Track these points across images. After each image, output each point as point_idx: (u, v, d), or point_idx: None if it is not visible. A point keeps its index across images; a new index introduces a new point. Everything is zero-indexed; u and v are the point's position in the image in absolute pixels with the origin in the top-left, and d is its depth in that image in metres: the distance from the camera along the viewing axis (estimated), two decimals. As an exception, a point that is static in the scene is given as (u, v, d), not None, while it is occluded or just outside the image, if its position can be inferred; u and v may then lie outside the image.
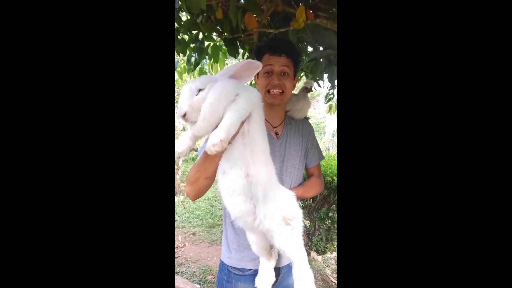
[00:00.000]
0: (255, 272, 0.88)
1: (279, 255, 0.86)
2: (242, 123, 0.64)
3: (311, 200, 2.52)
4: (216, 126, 0.61)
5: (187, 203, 3.94)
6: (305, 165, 1.03)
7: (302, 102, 1.03)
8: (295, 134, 0.99)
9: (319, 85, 1.42)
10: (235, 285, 0.91)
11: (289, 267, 0.89)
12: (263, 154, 0.70)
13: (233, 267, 0.92)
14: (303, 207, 2.45)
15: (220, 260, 0.99)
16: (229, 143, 0.65)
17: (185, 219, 3.42)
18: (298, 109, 1.03)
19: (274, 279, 0.85)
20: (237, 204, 0.70)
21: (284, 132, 0.97)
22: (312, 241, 2.52)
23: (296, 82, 0.99)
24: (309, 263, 0.75)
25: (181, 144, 0.66)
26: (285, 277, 0.94)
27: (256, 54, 0.93)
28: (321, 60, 1.23)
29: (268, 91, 0.90)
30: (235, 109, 0.60)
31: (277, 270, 0.91)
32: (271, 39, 0.98)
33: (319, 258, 2.49)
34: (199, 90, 0.62)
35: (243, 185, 0.68)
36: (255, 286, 0.85)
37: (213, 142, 0.58)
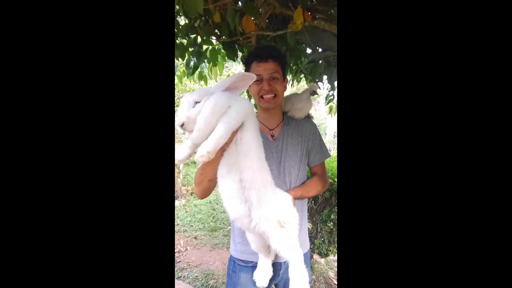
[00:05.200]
0: (257, 265, 0.94)
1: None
2: (235, 132, 0.69)
3: (312, 202, 2.51)
4: None
5: (188, 206, 3.93)
6: (308, 164, 1.03)
7: (304, 102, 1.03)
8: (293, 134, 1.00)
9: (318, 87, 1.42)
10: (239, 274, 0.99)
11: None
12: (257, 160, 0.73)
13: (238, 258, 1.00)
14: (305, 210, 2.44)
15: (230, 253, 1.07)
16: (224, 150, 0.70)
17: (186, 223, 3.41)
18: (299, 108, 1.02)
19: (272, 274, 0.92)
20: (233, 207, 0.74)
21: (281, 133, 0.99)
22: (314, 244, 2.50)
23: (287, 83, 1.03)
24: (312, 266, 0.77)
25: (181, 152, 0.71)
26: (287, 272, 0.97)
27: (245, 63, 0.98)
28: (320, 62, 1.22)
29: (262, 97, 0.95)
30: (226, 121, 0.65)
31: (279, 264, 0.96)
32: (256, 47, 1.02)
33: (322, 260, 2.47)
34: (196, 103, 0.67)
35: (237, 190, 0.72)
36: (253, 279, 0.92)
37: (201, 153, 0.62)
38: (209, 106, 0.65)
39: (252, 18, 1.05)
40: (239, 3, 1.17)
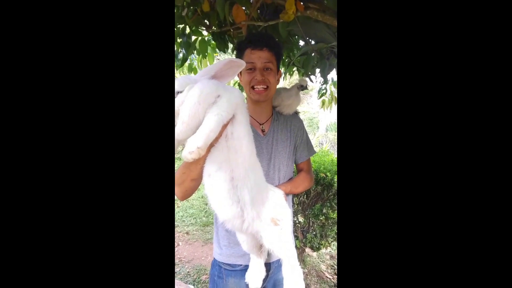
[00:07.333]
0: (245, 267, 0.89)
1: (269, 252, 0.86)
2: (225, 125, 0.61)
3: (305, 196, 2.51)
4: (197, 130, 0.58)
5: (180, 201, 3.89)
6: (295, 160, 1.02)
7: (293, 98, 1.01)
8: (282, 130, 0.97)
9: (311, 80, 1.39)
10: (226, 280, 0.92)
11: (280, 262, 0.90)
12: (249, 156, 0.67)
13: (224, 263, 0.93)
14: (297, 204, 2.44)
15: (213, 257, 0.99)
16: (213, 145, 0.62)
17: (178, 218, 3.38)
18: (288, 104, 1.00)
19: (264, 274, 0.86)
20: (224, 208, 0.67)
21: (271, 128, 0.96)
22: (306, 238, 2.51)
23: (280, 76, 0.98)
24: (304, 259, 0.76)
25: None
26: (275, 272, 0.95)
27: (238, 49, 0.92)
28: (313, 54, 1.19)
29: (252, 88, 0.89)
30: (216, 112, 0.57)
31: (268, 265, 0.92)
32: (252, 34, 0.96)
33: (314, 254, 2.49)
34: (178, 93, 0.59)
35: (228, 189, 0.65)
36: (246, 281, 0.86)
37: (190, 149, 0.55)
38: (194, 95, 0.57)
39: (243, 7, 1.00)
40: (229, -9, 1.12)
